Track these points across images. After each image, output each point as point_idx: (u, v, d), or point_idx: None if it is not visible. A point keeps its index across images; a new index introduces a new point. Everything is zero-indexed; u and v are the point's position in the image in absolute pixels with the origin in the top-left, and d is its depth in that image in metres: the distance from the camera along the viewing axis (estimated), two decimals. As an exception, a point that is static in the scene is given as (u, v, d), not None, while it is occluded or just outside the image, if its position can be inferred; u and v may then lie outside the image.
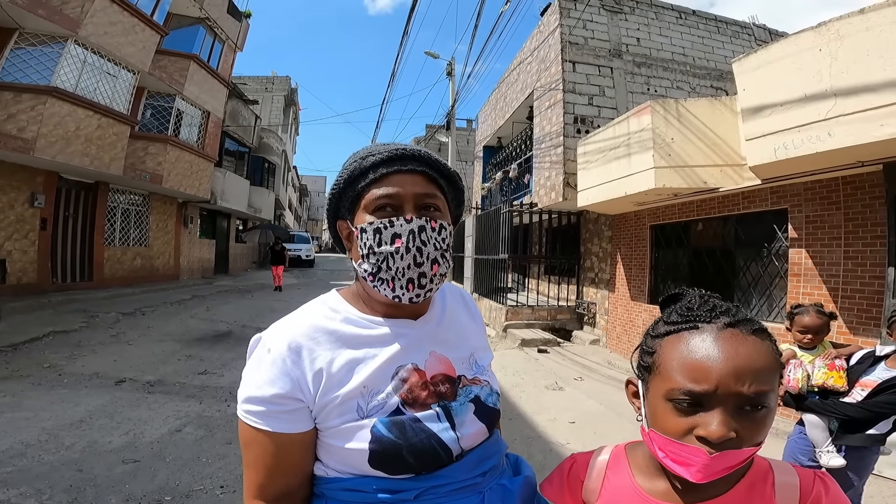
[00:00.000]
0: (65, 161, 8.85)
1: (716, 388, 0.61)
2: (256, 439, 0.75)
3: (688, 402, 0.62)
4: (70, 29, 8.71)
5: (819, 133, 3.53)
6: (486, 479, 0.83)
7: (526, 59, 10.51)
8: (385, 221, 0.79)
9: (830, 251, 4.32)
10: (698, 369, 0.63)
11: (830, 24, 3.46)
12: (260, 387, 0.74)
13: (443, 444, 0.78)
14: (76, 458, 3.11)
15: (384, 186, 0.81)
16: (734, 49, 9.12)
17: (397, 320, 0.86)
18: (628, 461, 0.80)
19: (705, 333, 0.66)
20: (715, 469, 0.61)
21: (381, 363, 0.80)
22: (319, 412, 0.77)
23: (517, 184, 11.69)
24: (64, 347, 5.97)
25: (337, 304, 0.87)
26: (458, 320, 0.97)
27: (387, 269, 0.80)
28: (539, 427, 4.21)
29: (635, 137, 5.76)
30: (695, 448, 0.61)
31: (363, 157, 0.83)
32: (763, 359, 0.63)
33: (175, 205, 14.14)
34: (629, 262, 7.70)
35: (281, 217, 29.86)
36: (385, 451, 0.74)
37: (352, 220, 0.85)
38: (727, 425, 0.60)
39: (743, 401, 0.61)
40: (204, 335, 7.30)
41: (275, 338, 0.79)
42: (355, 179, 0.83)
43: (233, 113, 16.93)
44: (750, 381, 0.61)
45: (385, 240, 0.79)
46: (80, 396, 4.27)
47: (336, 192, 0.87)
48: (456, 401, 0.84)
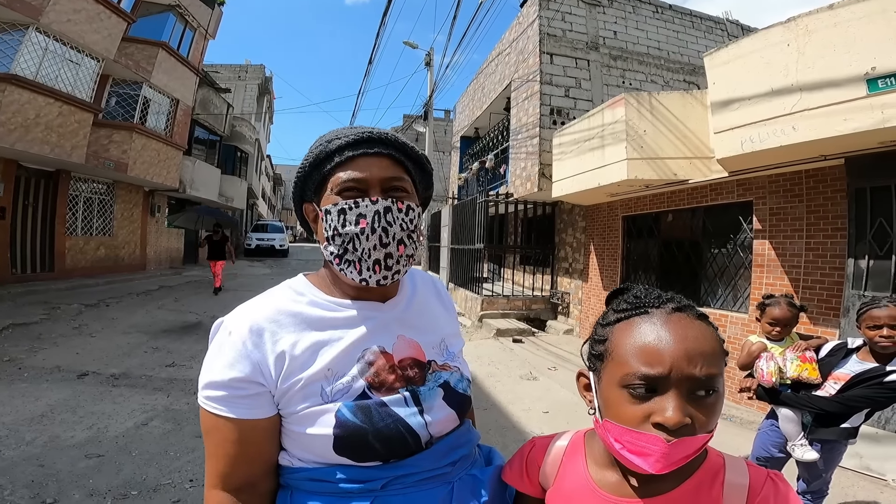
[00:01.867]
0: (24, 149, 8.53)
1: (669, 370, 0.61)
2: (217, 426, 0.73)
3: (643, 386, 0.62)
4: (32, 16, 8.43)
5: (784, 127, 3.60)
6: (457, 468, 0.82)
7: (504, 50, 10.51)
8: (350, 203, 0.78)
9: (793, 242, 4.46)
10: (651, 352, 0.63)
11: (799, 20, 3.52)
12: (220, 371, 0.72)
13: (410, 430, 0.77)
14: (37, 453, 3.02)
15: (350, 169, 0.80)
16: (707, 44, 9.27)
17: (364, 303, 0.84)
18: (585, 450, 0.79)
19: (655, 318, 0.66)
20: (673, 458, 0.60)
21: (346, 346, 0.78)
22: (282, 397, 0.74)
23: (494, 174, 11.73)
24: (24, 340, 5.74)
25: (303, 287, 0.85)
26: (429, 306, 0.96)
27: (353, 251, 0.79)
28: (513, 417, 4.26)
29: (609, 129, 5.82)
30: (652, 436, 0.60)
31: (329, 141, 0.82)
32: (711, 342, 0.64)
33: (141, 193, 13.71)
34: (602, 253, 7.82)
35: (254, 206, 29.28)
36: (350, 436, 0.73)
37: (318, 203, 0.84)
38: (683, 410, 0.60)
39: (695, 384, 0.61)
40: (171, 326, 7.12)
41: (236, 321, 0.77)
42: (321, 162, 0.82)
43: (204, 101, 16.45)
44: (701, 363, 0.61)
45: (350, 220, 0.78)
46: (41, 390, 4.12)
47: (302, 175, 0.85)
48: (425, 385, 0.82)
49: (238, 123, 21.10)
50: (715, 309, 5.33)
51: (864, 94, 3.10)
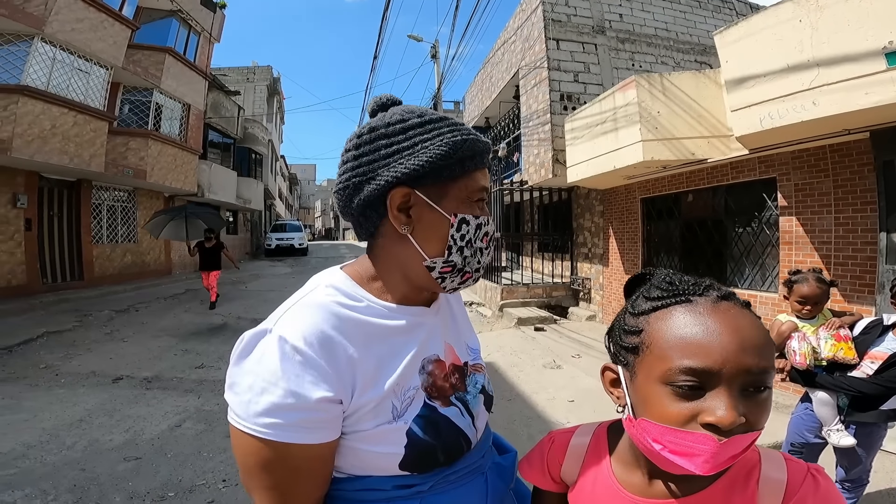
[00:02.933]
0: (44, 160, 8.70)
1: (722, 364, 0.54)
2: (282, 458, 0.63)
3: (689, 383, 0.55)
4: (35, 27, 8.51)
5: (803, 102, 3.52)
6: (486, 459, 0.84)
7: (510, 38, 10.38)
8: (485, 219, 0.78)
9: (821, 218, 4.34)
10: (700, 345, 0.56)
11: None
12: (295, 393, 0.61)
13: (466, 438, 0.78)
14: (78, 458, 3.12)
15: (483, 178, 0.79)
16: (716, 23, 9.05)
17: (415, 308, 0.79)
18: (609, 446, 0.75)
19: (699, 307, 0.60)
20: (722, 458, 0.54)
21: (410, 357, 0.74)
22: (352, 415, 0.68)
23: (507, 162, 11.65)
24: (59, 347, 5.93)
25: (351, 289, 0.75)
26: (453, 305, 0.95)
27: (476, 263, 0.78)
28: (538, 407, 4.26)
29: (621, 112, 5.73)
30: (703, 435, 0.54)
31: (473, 140, 0.75)
32: (763, 333, 0.58)
33: (162, 199, 13.95)
34: (622, 236, 7.73)
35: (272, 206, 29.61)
36: (420, 453, 0.71)
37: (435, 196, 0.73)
38: (737, 408, 0.54)
39: (749, 380, 0.55)
40: (199, 329, 7.28)
41: (298, 333, 0.65)
42: (464, 159, 0.74)
43: (214, 104, 16.62)
44: (755, 356, 0.55)
45: (480, 236, 0.77)
46: (78, 396, 4.26)
47: (439, 164, 0.72)
48: (468, 392, 0.82)
49: (250, 125, 21.28)
50: (743, 289, 5.24)
51: (884, 67, 3.02)
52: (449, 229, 0.73)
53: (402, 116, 0.75)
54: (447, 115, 0.79)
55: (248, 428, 0.62)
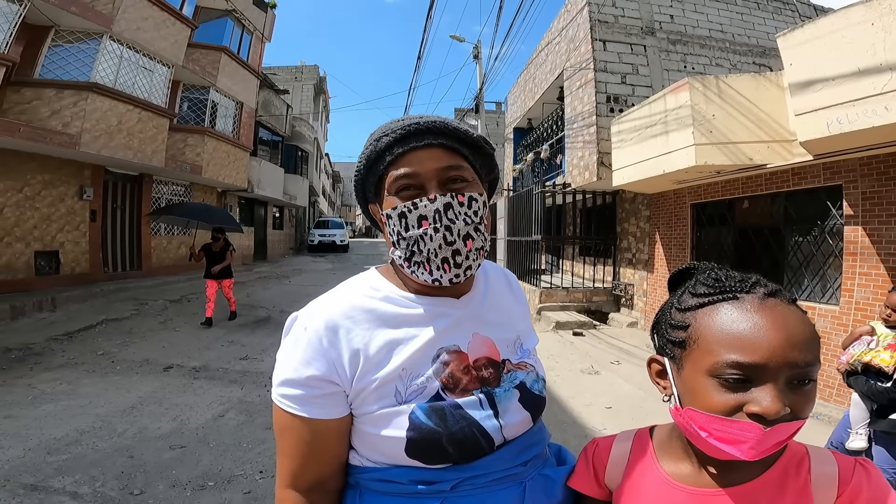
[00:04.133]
0: (109, 154, 9.16)
1: (769, 359, 0.57)
2: (292, 426, 0.72)
3: (737, 376, 0.58)
4: (104, 25, 8.93)
5: (875, 107, 3.34)
6: (528, 468, 0.79)
7: (554, 39, 10.20)
8: (408, 205, 0.75)
9: (889, 228, 4.05)
10: (748, 340, 0.58)
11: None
12: (296, 368, 0.71)
13: (484, 433, 0.74)
14: (128, 445, 3.25)
15: (402, 167, 0.76)
16: (776, 25, 8.60)
17: (439, 298, 0.81)
18: (652, 445, 0.76)
19: (747, 304, 0.62)
20: (767, 444, 0.57)
21: (421, 345, 0.75)
22: (356, 396, 0.73)
23: (549, 165, 11.46)
24: (116, 335, 6.27)
25: (377, 281, 0.83)
26: (502, 300, 0.92)
27: (419, 253, 0.76)
28: (574, 412, 4.16)
29: (673, 115, 5.52)
30: (748, 423, 0.57)
31: (377, 139, 0.79)
32: (809, 328, 0.60)
33: (215, 194, 14.53)
34: (668, 242, 7.46)
35: (315, 203, 30.34)
36: (423, 439, 0.71)
37: (380, 205, 0.81)
38: (782, 399, 0.56)
39: (795, 373, 0.57)
40: (244, 321, 7.54)
41: (311, 317, 0.75)
42: (373, 163, 0.80)
43: (265, 103, 17.16)
44: (801, 351, 0.57)
45: (412, 223, 0.75)
46: (131, 383, 4.48)
47: (359, 178, 0.84)
48: (500, 387, 0.78)
49: (297, 123, 21.85)
50: (801, 301, 4.89)
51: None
52: (386, 227, 0.80)
53: None
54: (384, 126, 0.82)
55: (273, 396, 0.75)
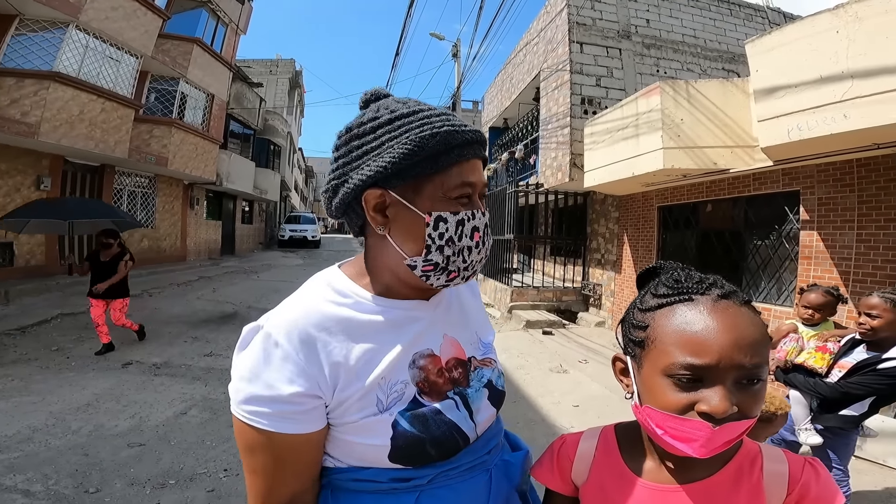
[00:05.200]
0: (70, 144, 8.85)
1: (718, 361, 0.59)
2: (265, 444, 0.67)
3: (688, 377, 0.61)
4: (71, 14, 8.67)
5: (834, 115, 3.44)
6: (492, 455, 0.82)
7: (532, 39, 10.30)
8: (468, 213, 0.73)
9: (843, 234, 4.23)
10: (699, 342, 0.61)
11: (848, 7, 3.37)
12: (271, 385, 0.65)
13: (462, 433, 0.76)
14: (82, 443, 3.14)
15: (466, 173, 0.73)
16: (747, 32, 8.89)
17: (410, 302, 0.79)
18: (617, 442, 0.78)
19: (701, 305, 0.64)
20: (717, 443, 0.60)
21: (398, 352, 0.74)
22: (336, 408, 0.70)
23: (523, 164, 11.57)
24: (72, 330, 6.02)
25: (344, 285, 0.77)
26: (463, 297, 0.93)
27: (459, 261, 0.74)
28: (543, 410, 4.21)
29: (644, 118, 5.64)
30: (697, 422, 0.60)
31: (449, 133, 0.70)
32: (758, 330, 0.63)
33: (181, 186, 14.14)
34: (636, 244, 7.63)
35: (287, 198, 29.86)
36: (408, 445, 0.71)
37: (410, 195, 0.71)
38: (729, 399, 0.59)
39: (742, 373, 0.60)
40: (210, 316, 7.35)
41: (282, 329, 0.68)
42: (438, 154, 0.70)
43: (237, 96, 16.81)
44: (749, 353, 0.60)
45: (466, 233, 0.73)
46: (87, 380, 4.31)
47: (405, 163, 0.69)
48: (470, 387, 0.80)
49: (270, 117, 21.48)
50: (757, 302, 5.12)
51: (921, 80, 2.92)
52: (425, 228, 0.71)
53: (375, 114, 0.74)
54: (426, 108, 0.74)
55: (236, 412, 0.68)
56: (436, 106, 0.76)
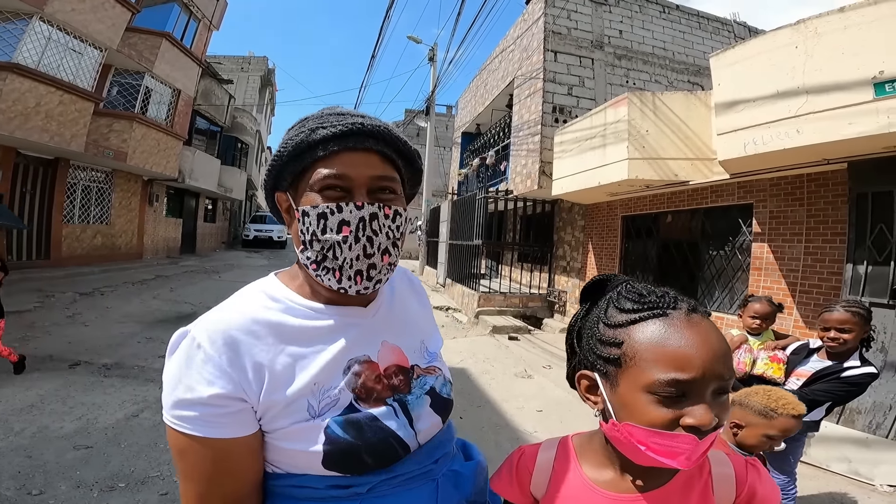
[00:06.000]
0: (23, 136, 8.50)
1: (702, 375, 0.60)
2: (194, 449, 0.65)
3: (673, 392, 0.61)
4: (36, 6, 8.41)
5: (788, 130, 3.57)
6: (439, 465, 0.80)
7: (508, 46, 10.45)
8: (332, 206, 0.70)
9: (791, 246, 4.43)
10: (682, 358, 0.61)
11: (809, 22, 3.48)
12: (192, 388, 0.64)
13: (401, 441, 0.74)
14: (25, 444, 2.98)
15: (334, 166, 0.71)
16: (714, 45, 9.24)
17: (346, 308, 0.78)
18: (576, 453, 0.78)
19: (675, 320, 0.64)
20: (698, 454, 0.61)
21: (331, 358, 0.73)
22: (265, 413, 0.68)
23: (494, 171, 11.68)
24: (16, 329, 5.69)
25: (276, 290, 0.77)
26: (407, 306, 0.92)
27: (332, 259, 0.72)
28: (507, 415, 4.23)
29: (611, 128, 5.78)
30: (685, 436, 0.60)
31: (312, 129, 0.72)
32: (725, 342, 0.64)
33: (140, 182, 13.65)
34: (600, 252, 7.80)
35: (253, 197, 29.22)
36: (341, 452, 0.69)
37: (294, 196, 0.75)
38: (712, 411, 0.60)
39: (719, 385, 0.61)
40: (166, 316, 7.09)
41: (207, 332, 0.67)
42: (301, 153, 0.72)
43: (205, 92, 16.39)
44: (725, 364, 0.62)
45: (331, 226, 0.71)
46: (31, 380, 4.10)
47: (277, 164, 0.75)
48: (411, 394, 0.79)
49: (239, 115, 21.03)
50: (713, 311, 5.31)
51: (871, 97, 3.08)
52: (300, 224, 0.74)
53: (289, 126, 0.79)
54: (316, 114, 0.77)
55: (164, 418, 0.66)
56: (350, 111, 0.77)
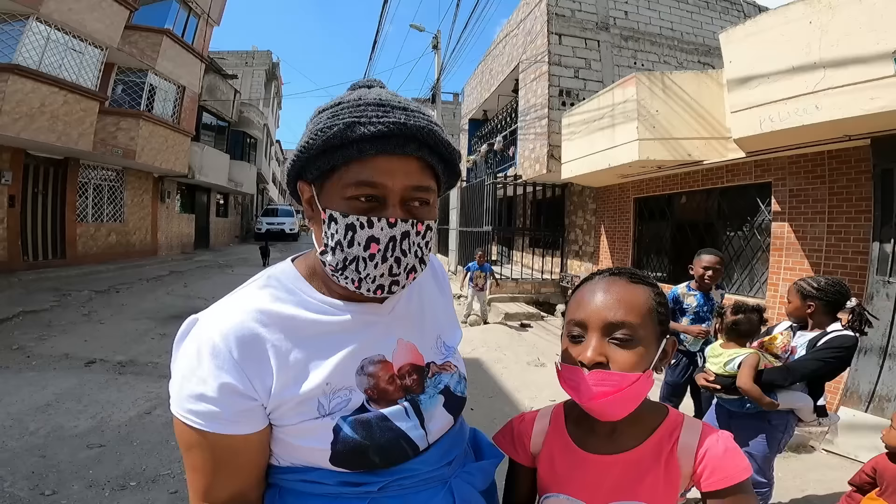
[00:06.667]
0: (30, 138, 8.55)
1: (587, 317, 0.74)
2: (201, 443, 0.63)
3: (576, 332, 0.75)
4: (31, 6, 8.38)
5: (806, 105, 3.46)
6: (452, 467, 0.78)
7: (512, 31, 10.26)
8: (362, 220, 0.64)
9: (814, 225, 4.29)
10: (579, 302, 0.77)
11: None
12: (203, 381, 0.62)
13: (410, 441, 0.72)
14: (40, 444, 3.01)
15: (370, 171, 0.64)
16: (723, 24, 8.93)
17: (362, 304, 0.74)
18: (564, 417, 0.87)
19: (593, 280, 0.80)
20: (595, 390, 0.70)
21: (344, 356, 0.69)
22: (275, 409, 0.66)
23: (502, 156, 11.55)
24: (34, 328, 5.78)
25: (292, 281, 0.73)
26: (427, 297, 0.87)
27: (354, 271, 0.67)
28: (520, 405, 4.19)
29: (620, 109, 5.64)
30: (574, 368, 0.72)
31: (348, 124, 0.63)
32: (632, 296, 0.74)
33: (151, 179, 13.74)
34: (613, 235, 7.67)
35: (264, 190, 29.38)
36: (349, 451, 0.67)
37: (318, 190, 0.69)
38: (596, 350, 0.71)
39: (609, 328, 0.72)
40: (180, 312, 7.13)
41: (217, 324, 0.65)
42: (334, 149, 0.64)
43: (210, 87, 16.38)
44: (615, 310, 0.72)
45: (359, 240, 0.65)
46: (47, 379, 4.13)
47: (305, 155, 0.67)
48: (424, 393, 0.76)
49: (246, 109, 21.04)
50: (731, 293, 5.18)
51: (892, 72, 2.96)
52: (322, 225, 0.68)
53: (321, 105, 0.71)
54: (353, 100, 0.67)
55: (172, 410, 0.65)
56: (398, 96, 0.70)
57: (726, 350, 2.27)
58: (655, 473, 0.73)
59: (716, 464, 0.71)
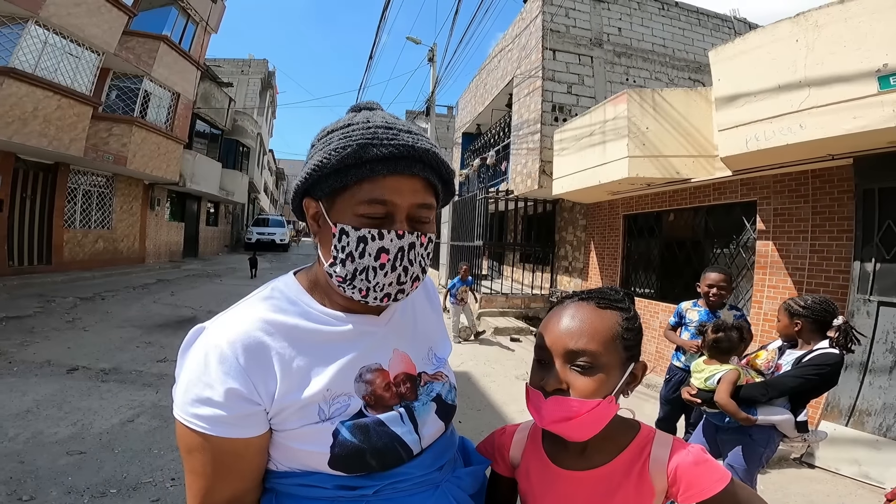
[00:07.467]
0: (21, 141, 8.50)
1: (551, 344, 0.75)
2: (204, 446, 0.66)
3: (540, 359, 0.77)
4: (31, 10, 8.42)
5: (791, 125, 3.51)
6: (443, 472, 0.81)
7: (507, 46, 10.41)
8: (374, 232, 0.69)
9: (797, 244, 4.35)
10: (546, 327, 0.78)
11: (809, 14, 3.42)
12: (209, 386, 0.65)
13: (405, 446, 0.75)
14: (18, 450, 2.96)
15: (381, 189, 0.69)
16: (714, 42, 9.17)
17: (361, 316, 0.79)
18: (542, 432, 0.87)
19: (563, 305, 0.80)
20: (554, 415, 0.72)
21: (343, 365, 0.74)
22: (276, 415, 0.69)
23: (494, 171, 11.64)
24: (16, 334, 5.68)
25: (294, 293, 0.78)
26: (420, 312, 0.93)
27: (364, 280, 0.71)
28: (508, 418, 4.18)
29: (611, 125, 5.72)
30: (536, 392, 0.75)
31: (361, 146, 0.68)
32: (597, 324, 0.74)
33: (141, 186, 13.66)
34: (602, 252, 7.72)
35: (256, 200, 29.26)
36: (348, 454, 0.70)
37: (327, 207, 0.73)
38: (557, 378, 0.73)
39: (571, 356, 0.73)
40: (166, 321, 7.06)
41: (224, 332, 0.68)
42: (347, 168, 0.69)
43: (205, 95, 16.41)
44: (577, 339, 0.73)
45: (370, 251, 0.70)
46: (28, 385, 4.06)
47: (317, 174, 0.71)
48: (418, 400, 0.80)
49: (240, 118, 21.06)
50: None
51: (875, 91, 3.01)
52: (332, 239, 0.72)
53: (328, 126, 0.76)
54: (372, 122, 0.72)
55: (176, 414, 0.67)
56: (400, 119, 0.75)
57: (708, 366, 2.34)
58: (626, 489, 0.75)
59: (690, 478, 0.72)
